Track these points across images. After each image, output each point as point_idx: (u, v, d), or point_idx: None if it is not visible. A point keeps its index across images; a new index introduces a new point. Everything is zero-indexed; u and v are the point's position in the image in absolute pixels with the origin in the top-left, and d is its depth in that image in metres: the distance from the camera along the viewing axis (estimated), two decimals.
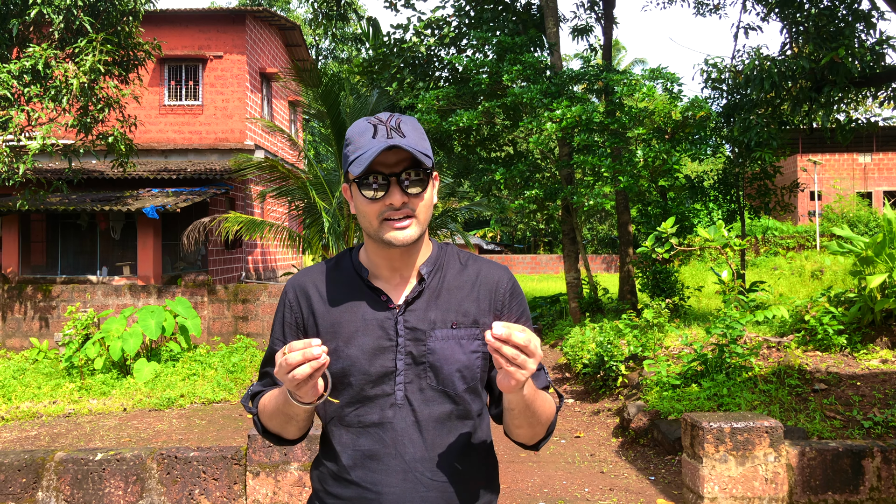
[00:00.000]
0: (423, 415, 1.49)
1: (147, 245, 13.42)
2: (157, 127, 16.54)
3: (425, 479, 1.48)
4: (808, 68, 9.31)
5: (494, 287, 1.59)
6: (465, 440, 1.53)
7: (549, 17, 12.26)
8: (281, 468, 4.25)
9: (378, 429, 1.49)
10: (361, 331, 1.51)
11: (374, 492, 1.48)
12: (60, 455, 4.30)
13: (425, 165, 1.48)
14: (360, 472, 1.49)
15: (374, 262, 1.57)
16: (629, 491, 5.11)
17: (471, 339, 1.53)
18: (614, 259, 30.45)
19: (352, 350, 1.50)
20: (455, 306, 1.54)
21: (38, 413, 7.83)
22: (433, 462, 1.48)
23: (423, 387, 1.50)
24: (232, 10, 17.10)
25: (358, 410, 1.51)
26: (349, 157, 1.49)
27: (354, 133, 1.50)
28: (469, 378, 1.53)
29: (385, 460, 1.48)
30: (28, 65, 10.04)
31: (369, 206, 1.48)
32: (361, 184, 1.48)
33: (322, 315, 1.55)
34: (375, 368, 1.49)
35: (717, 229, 8.27)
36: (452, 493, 1.49)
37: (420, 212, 1.50)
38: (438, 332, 1.51)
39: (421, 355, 1.50)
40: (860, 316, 7.13)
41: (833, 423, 5.51)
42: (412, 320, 1.51)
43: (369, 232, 1.52)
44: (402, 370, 1.50)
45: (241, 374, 9.39)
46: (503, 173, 11.34)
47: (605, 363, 7.65)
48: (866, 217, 24.42)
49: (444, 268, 1.59)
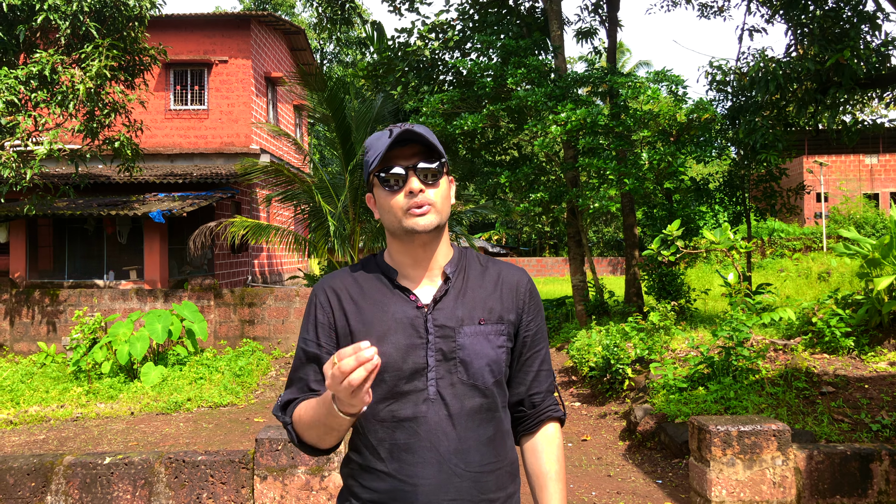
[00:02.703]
0: (455, 408, 1.55)
1: (154, 249, 13.46)
2: (163, 131, 16.61)
3: (459, 470, 1.54)
4: (813, 70, 9.29)
5: (515, 287, 1.68)
6: (493, 431, 1.60)
7: (554, 21, 12.27)
8: (288, 472, 4.25)
9: (412, 423, 1.54)
10: (393, 329, 1.56)
11: (411, 484, 1.52)
12: (69, 459, 4.31)
13: (438, 155, 1.58)
14: (396, 465, 1.54)
15: (399, 262, 1.64)
16: (636, 494, 5.10)
17: (497, 335, 1.61)
18: (620, 262, 30.39)
19: (385, 348, 1.54)
20: (480, 304, 1.62)
21: (47, 417, 7.86)
22: (466, 453, 1.55)
23: (455, 381, 1.56)
24: (237, 15, 17.16)
25: (392, 406, 1.55)
26: (369, 161, 1.58)
27: (371, 140, 1.60)
28: (497, 371, 1.60)
29: (420, 453, 1.53)
30: (35, 70, 10.10)
31: (391, 199, 1.57)
32: (381, 179, 1.57)
33: (353, 315, 1.60)
34: (408, 365, 1.55)
35: (723, 231, 8.26)
36: (484, 482, 1.56)
37: (437, 201, 1.58)
38: (467, 328, 1.58)
39: (451, 351, 1.57)
40: (868, 318, 7.10)
41: (841, 427, 5.49)
42: (441, 318, 1.58)
43: (392, 227, 1.59)
44: (434, 366, 1.56)
45: (247, 378, 9.40)
46: (508, 176, 11.35)
47: (612, 366, 7.64)
48: (873, 219, 24.33)
49: (467, 269, 1.67)
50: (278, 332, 11.64)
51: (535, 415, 1.71)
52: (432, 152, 1.58)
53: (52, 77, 10.25)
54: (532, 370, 1.70)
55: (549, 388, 1.73)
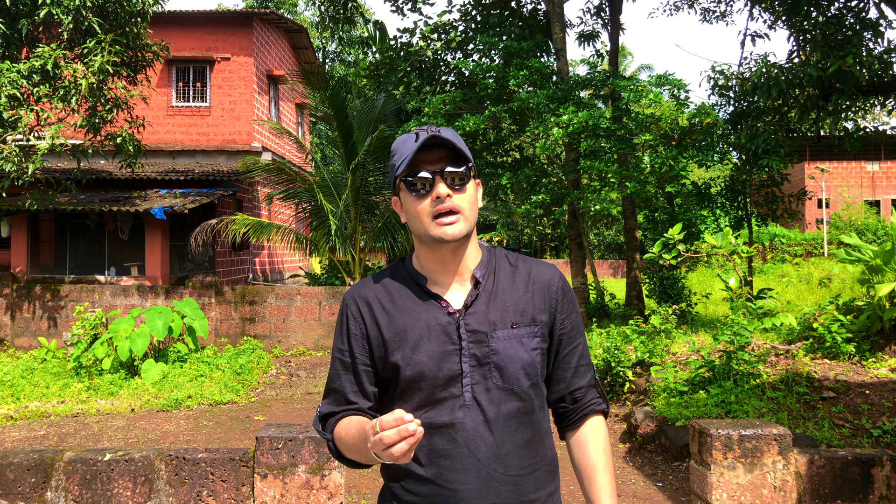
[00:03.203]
0: (492, 414, 1.55)
1: (155, 246, 13.46)
2: (165, 128, 16.60)
3: (498, 475, 1.54)
4: (815, 76, 9.29)
5: (547, 286, 1.67)
6: (530, 434, 1.60)
7: (556, 23, 12.28)
8: (289, 471, 4.25)
9: (449, 429, 1.54)
10: (426, 337, 1.56)
11: (451, 489, 1.53)
12: (69, 455, 4.31)
13: (465, 159, 1.56)
14: (435, 471, 1.54)
15: (428, 268, 1.63)
16: (637, 497, 5.10)
17: (531, 337, 1.60)
18: (621, 264, 30.40)
19: (420, 356, 1.55)
20: (512, 306, 1.61)
21: (47, 413, 7.85)
22: (504, 458, 1.55)
23: (490, 387, 1.56)
24: (239, 13, 17.17)
25: (429, 413, 1.55)
26: (395, 165, 1.58)
27: (398, 143, 1.59)
28: (532, 374, 1.60)
29: (458, 459, 1.53)
30: (37, 65, 10.10)
31: (418, 204, 1.56)
32: (408, 183, 1.56)
33: (385, 324, 1.60)
34: (443, 372, 1.55)
35: (725, 236, 8.26)
36: (523, 485, 1.56)
37: (465, 207, 1.56)
38: (500, 332, 1.58)
39: (485, 356, 1.56)
40: (869, 324, 7.10)
41: (842, 432, 5.49)
42: (473, 323, 1.57)
43: (420, 233, 1.58)
44: (468, 372, 1.55)
45: (248, 376, 9.40)
46: (510, 178, 11.36)
47: (613, 369, 7.64)
48: (874, 225, 24.36)
49: (497, 270, 1.65)
50: (279, 330, 11.64)
51: (578, 409, 1.70)
52: (459, 157, 1.57)
53: (55, 72, 10.25)
54: (571, 366, 1.69)
55: (590, 381, 1.72)
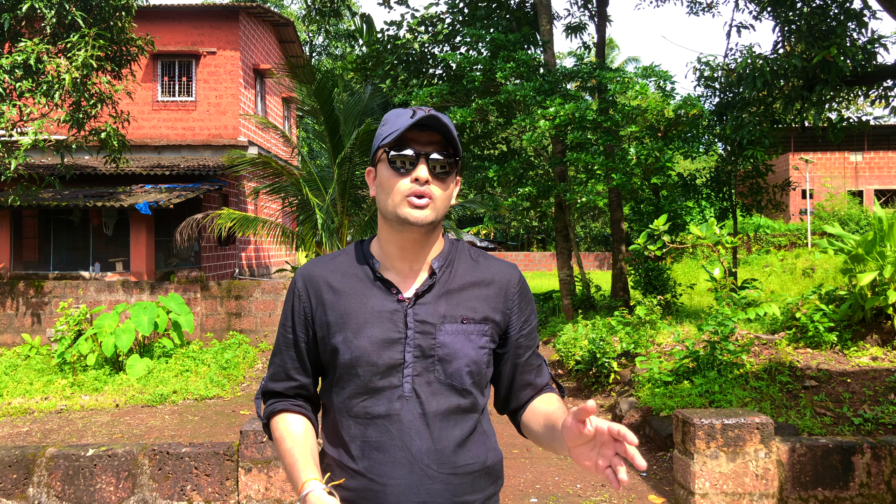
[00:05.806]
0: (431, 407, 1.50)
1: (140, 241, 13.38)
2: (151, 123, 16.48)
3: (431, 472, 1.48)
4: (800, 67, 9.34)
5: (505, 286, 1.61)
6: (469, 433, 1.54)
7: (543, 15, 12.27)
8: (273, 464, 4.25)
9: (385, 420, 1.49)
10: (371, 322, 1.51)
11: (380, 483, 1.48)
12: (51, 451, 4.29)
13: (455, 151, 1.52)
14: (367, 464, 1.49)
15: (387, 251, 1.58)
16: (621, 487, 5.13)
17: (479, 335, 1.55)
18: (607, 256, 30.50)
19: (361, 341, 1.50)
20: (465, 302, 1.56)
21: (30, 409, 7.80)
22: (439, 455, 1.49)
23: (431, 380, 1.51)
24: (225, 6, 17.04)
25: (365, 402, 1.51)
26: (383, 134, 1.53)
27: (391, 115, 1.55)
28: (476, 373, 1.54)
29: (391, 452, 1.48)
30: (20, 59, 9.98)
31: (395, 180, 1.51)
32: (390, 157, 1.51)
33: (331, 305, 1.55)
34: (384, 360, 1.50)
35: (710, 227, 8.31)
36: (456, 485, 1.51)
37: (438, 198, 1.52)
38: (448, 326, 1.52)
39: (430, 348, 1.51)
40: (851, 313, 7.17)
41: (823, 420, 5.55)
42: (422, 313, 1.52)
43: (386, 210, 1.53)
44: (411, 363, 1.50)
45: (233, 371, 9.37)
46: (497, 170, 11.35)
47: (598, 360, 7.67)
48: (857, 215, 24.54)
49: (455, 263, 1.60)
50: (265, 324, 11.60)
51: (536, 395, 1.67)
52: (449, 146, 1.52)
53: (38, 66, 10.14)
54: (533, 367, 1.67)
55: (549, 377, 1.70)
